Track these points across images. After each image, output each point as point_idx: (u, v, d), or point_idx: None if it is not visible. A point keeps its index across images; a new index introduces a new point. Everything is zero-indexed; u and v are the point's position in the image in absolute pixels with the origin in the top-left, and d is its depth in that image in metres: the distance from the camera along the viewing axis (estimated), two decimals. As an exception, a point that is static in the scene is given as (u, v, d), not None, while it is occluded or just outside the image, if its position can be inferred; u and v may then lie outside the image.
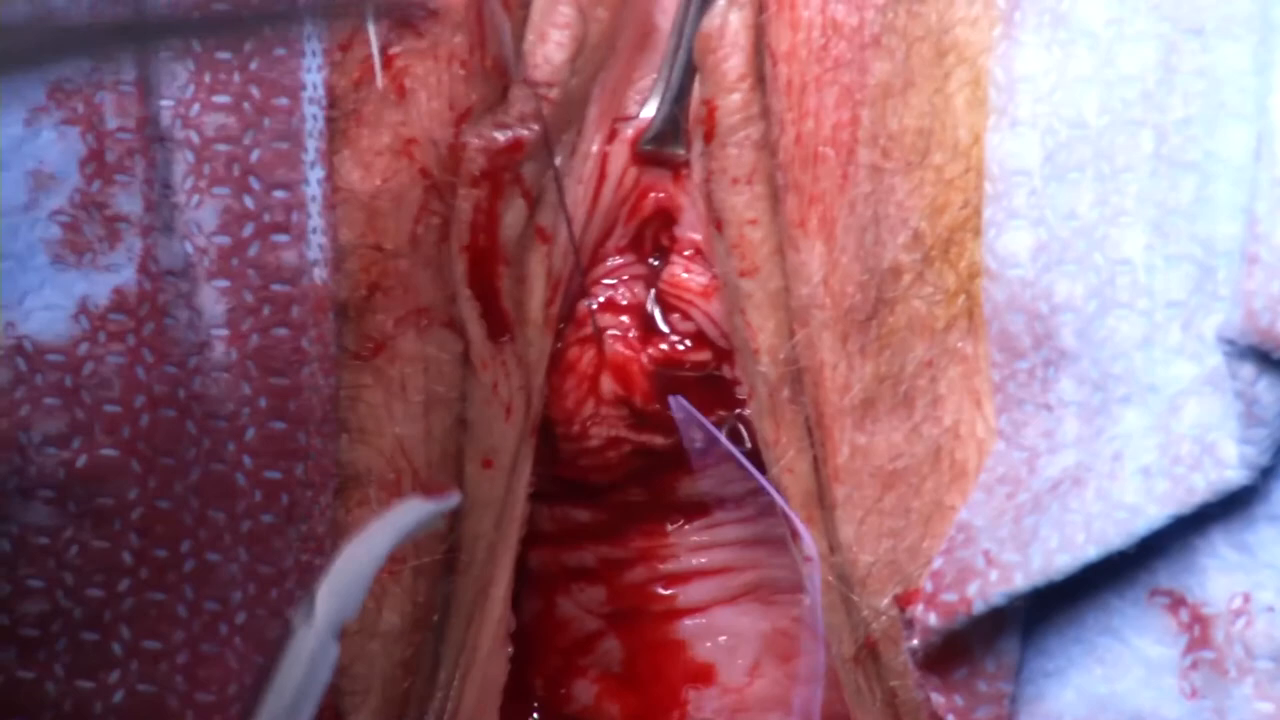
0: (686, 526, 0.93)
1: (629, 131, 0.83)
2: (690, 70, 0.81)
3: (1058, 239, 0.72)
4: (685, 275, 0.84)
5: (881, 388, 0.76)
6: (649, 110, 0.83)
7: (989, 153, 0.73)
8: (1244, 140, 0.68)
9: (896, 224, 0.75)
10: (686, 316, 0.84)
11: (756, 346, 0.79)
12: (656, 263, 0.85)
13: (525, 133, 0.78)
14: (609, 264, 0.86)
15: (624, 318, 0.85)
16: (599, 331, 0.85)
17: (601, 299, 0.86)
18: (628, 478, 0.89)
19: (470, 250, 0.78)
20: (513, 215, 0.79)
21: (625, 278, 0.86)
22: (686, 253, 0.84)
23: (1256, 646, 0.68)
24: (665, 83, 0.82)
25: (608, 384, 0.85)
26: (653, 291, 0.85)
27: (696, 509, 0.92)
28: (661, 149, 0.83)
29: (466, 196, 0.78)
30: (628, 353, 0.85)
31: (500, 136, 0.77)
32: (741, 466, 0.83)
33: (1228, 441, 0.66)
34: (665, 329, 0.85)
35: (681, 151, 0.83)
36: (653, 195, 0.84)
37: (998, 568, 0.70)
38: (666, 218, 0.85)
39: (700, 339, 0.85)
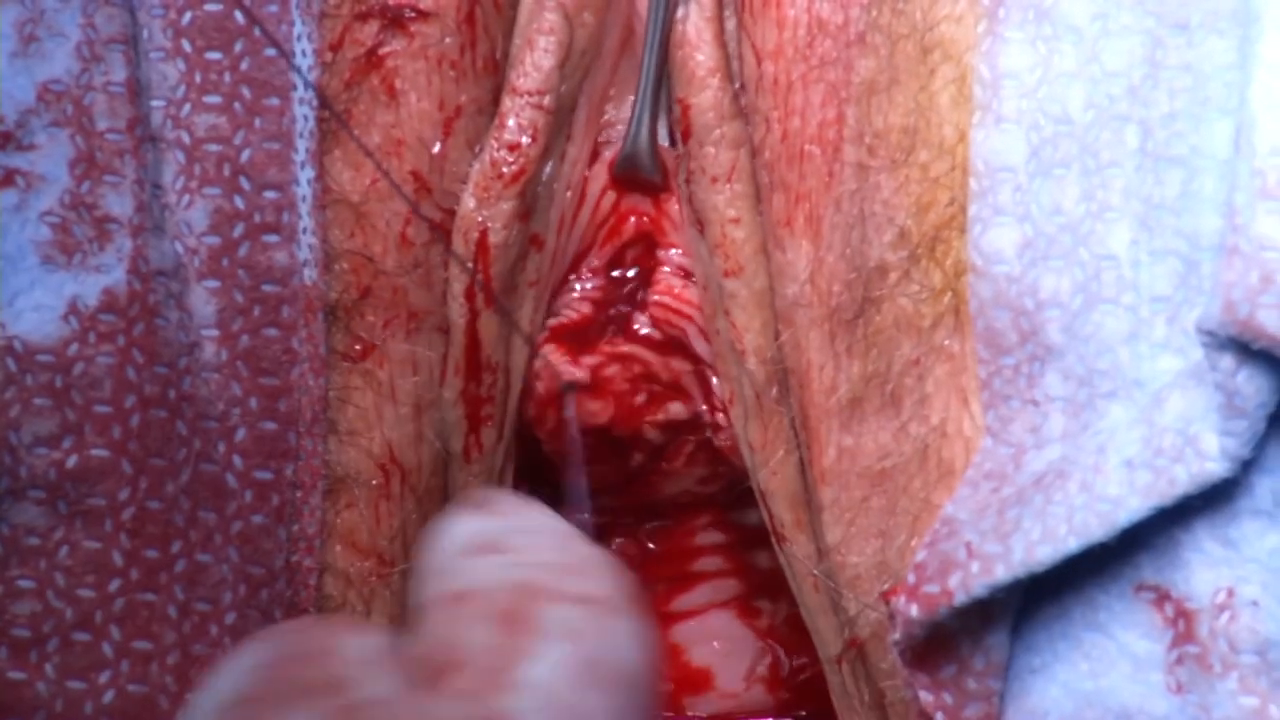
0: (676, 530, 0.93)
1: (607, 153, 0.82)
2: (660, 89, 0.80)
3: (1043, 235, 0.72)
4: (677, 290, 0.84)
5: (869, 387, 0.76)
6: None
7: (974, 149, 0.73)
8: (1229, 135, 0.68)
9: (883, 222, 0.75)
10: (674, 327, 0.84)
11: (742, 347, 0.79)
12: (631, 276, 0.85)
13: (530, 154, 0.78)
14: (576, 285, 0.85)
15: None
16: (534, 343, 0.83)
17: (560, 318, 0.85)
18: (603, 488, 0.89)
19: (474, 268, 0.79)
20: (514, 233, 0.80)
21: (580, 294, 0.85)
22: (671, 269, 0.84)
23: (1240, 641, 0.68)
24: (638, 103, 0.81)
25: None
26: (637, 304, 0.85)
27: (681, 511, 0.92)
28: (635, 173, 0.82)
29: (471, 223, 0.78)
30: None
31: (506, 165, 0.77)
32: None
33: (1209, 434, 0.66)
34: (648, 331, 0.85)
35: (654, 176, 0.81)
36: (633, 219, 0.83)
37: (979, 559, 0.69)
38: (649, 240, 0.84)
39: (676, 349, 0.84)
